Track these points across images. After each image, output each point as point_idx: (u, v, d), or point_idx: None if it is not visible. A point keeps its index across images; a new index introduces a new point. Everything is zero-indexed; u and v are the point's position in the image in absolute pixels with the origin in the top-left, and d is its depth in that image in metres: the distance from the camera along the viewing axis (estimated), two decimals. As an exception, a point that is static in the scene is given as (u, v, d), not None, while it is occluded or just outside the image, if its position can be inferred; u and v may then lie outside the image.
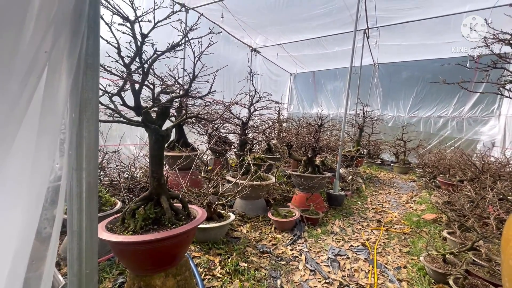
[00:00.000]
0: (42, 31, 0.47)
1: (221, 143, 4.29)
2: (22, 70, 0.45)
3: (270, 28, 6.88)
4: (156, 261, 1.54)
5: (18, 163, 0.47)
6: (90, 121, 0.61)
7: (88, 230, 0.62)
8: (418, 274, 2.32)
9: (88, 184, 0.63)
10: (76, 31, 0.56)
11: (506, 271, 1.21)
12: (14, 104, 0.44)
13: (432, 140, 8.62)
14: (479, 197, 3.05)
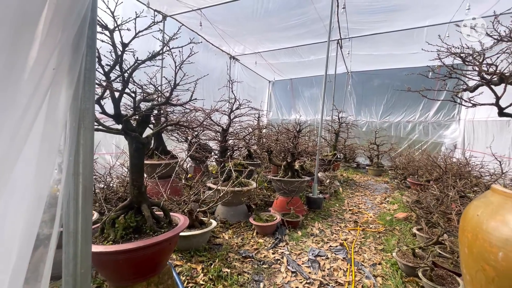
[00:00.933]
0: (50, 50, 0.50)
1: (202, 150, 4.28)
2: (31, 85, 0.48)
3: (248, 37, 7.03)
4: (138, 270, 1.52)
5: (24, 168, 0.49)
6: (87, 129, 0.64)
7: (83, 232, 0.65)
8: (392, 269, 2.47)
9: (84, 188, 0.65)
10: (78, 50, 0.59)
11: (462, 258, 1.36)
12: (23, 115, 0.46)
13: (402, 143, 9.17)
14: (443, 195, 3.32)
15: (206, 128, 3.58)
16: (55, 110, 0.53)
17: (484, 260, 1.16)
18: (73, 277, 0.65)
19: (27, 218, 0.49)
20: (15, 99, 0.46)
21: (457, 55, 1.96)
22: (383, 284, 2.25)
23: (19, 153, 0.47)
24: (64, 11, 0.53)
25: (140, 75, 2.31)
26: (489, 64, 1.72)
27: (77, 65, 0.57)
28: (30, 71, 0.47)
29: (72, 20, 0.54)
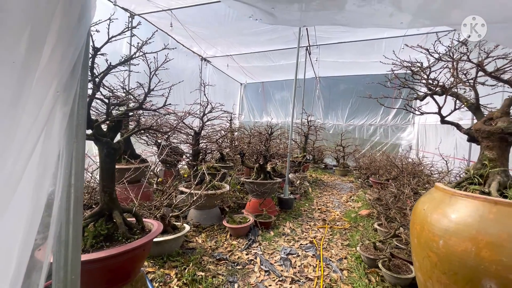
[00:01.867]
0: (52, 75, 0.52)
1: (173, 154, 4.21)
2: (36, 107, 0.48)
3: (220, 39, 7.04)
4: (110, 279, 1.48)
5: (25, 183, 0.50)
6: (79, 144, 0.65)
7: (74, 240, 0.65)
8: (356, 262, 2.68)
9: (76, 199, 0.65)
10: (75, 72, 0.60)
11: (412, 248, 1.55)
12: (27, 134, 0.47)
13: (365, 145, 9.83)
14: (399, 193, 3.66)
15: (179, 132, 3.54)
16: (53, 127, 0.54)
17: (429, 248, 1.35)
18: (63, 283, 0.66)
19: (26, 227, 0.50)
20: (21, 120, 0.47)
21: (408, 68, 2.22)
22: (348, 277, 2.43)
23: (23, 171, 0.48)
24: (66, 41, 0.55)
25: (109, 78, 2.24)
26: (432, 79, 1.98)
27: (74, 85, 0.58)
28: (34, 95, 0.49)
29: (72, 49, 0.56)
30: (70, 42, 0.56)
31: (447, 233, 1.27)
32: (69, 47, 0.56)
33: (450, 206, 1.35)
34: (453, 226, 1.27)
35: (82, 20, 0.59)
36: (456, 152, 6.60)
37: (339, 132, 9.74)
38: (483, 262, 1.13)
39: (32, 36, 0.48)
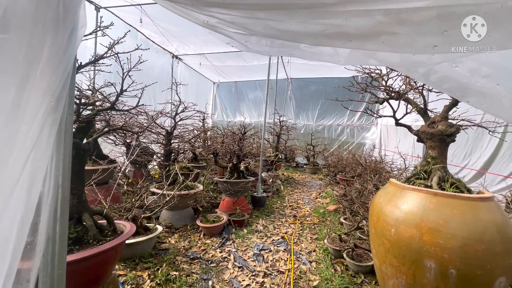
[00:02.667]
0: (46, 87, 0.53)
1: (144, 154, 4.09)
2: (32, 116, 0.50)
3: (192, 37, 6.95)
4: (81, 282, 1.45)
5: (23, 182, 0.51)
6: (67, 147, 0.66)
7: (60, 237, 0.66)
8: (324, 254, 2.87)
9: (63, 199, 0.67)
10: (66, 84, 0.61)
11: (370, 236, 1.74)
12: (25, 140, 0.49)
13: (333, 144, 10.35)
14: (363, 188, 3.97)
15: (150, 132, 3.46)
16: (46, 133, 0.56)
17: (383, 235, 1.53)
18: (50, 278, 0.68)
19: (19, 226, 0.51)
20: (20, 128, 0.49)
21: (368, 74, 2.44)
22: (316, 268, 2.61)
23: (21, 174, 0.49)
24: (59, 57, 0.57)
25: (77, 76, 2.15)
26: (389, 86, 2.20)
27: (64, 93, 0.60)
28: (31, 106, 0.50)
29: (64, 64, 0.59)
30: (62, 58, 0.59)
31: (397, 222, 1.46)
32: (61, 63, 0.59)
33: (400, 199, 1.54)
34: (403, 216, 1.46)
35: (72, 37, 0.62)
36: (413, 150, 7.23)
37: (310, 132, 10.13)
38: (425, 245, 1.32)
39: (29, 54, 0.51)
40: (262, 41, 1.06)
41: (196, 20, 1.13)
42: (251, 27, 0.92)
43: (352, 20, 0.69)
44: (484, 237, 1.24)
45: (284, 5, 0.72)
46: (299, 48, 1.00)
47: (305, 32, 0.81)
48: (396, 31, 0.67)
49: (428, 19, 0.60)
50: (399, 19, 0.63)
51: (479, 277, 1.24)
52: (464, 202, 1.35)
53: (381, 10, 0.62)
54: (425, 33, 0.66)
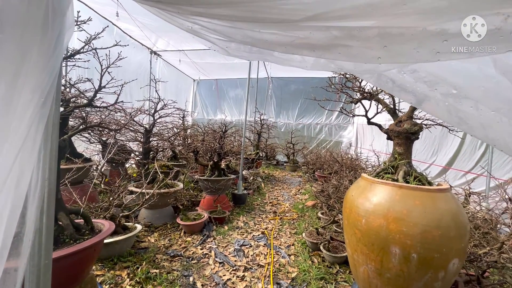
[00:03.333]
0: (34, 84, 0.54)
1: (121, 152, 3.98)
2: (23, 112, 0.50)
3: (171, 33, 6.80)
4: (58, 282, 1.42)
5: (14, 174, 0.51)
6: (53, 141, 0.66)
7: (47, 229, 0.67)
8: (302, 247, 2.99)
9: (49, 191, 0.67)
10: (55, 81, 0.62)
11: (344, 227, 1.85)
12: (14, 135, 0.49)
13: (312, 142, 10.63)
14: (339, 184, 4.16)
15: (128, 129, 3.38)
16: (31, 127, 0.56)
17: (355, 226, 1.65)
18: (37, 267, 0.68)
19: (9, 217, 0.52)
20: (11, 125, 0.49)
21: (344, 75, 2.58)
22: (295, 260, 2.71)
23: (12, 166, 0.50)
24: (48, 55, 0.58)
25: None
26: (362, 87, 2.34)
27: (52, 91, 0.61)
28: (23, 101, 0.51)
29: (53, 61, 0.59)
30: (50, 57, 0.60)
31: (367, 213, 1.58)
32: (50, 61, 0.59)
33: (370, 192, 1.66)
34: (372, 207, 1.58)
35: (60, 38, 0.63)
36: (387, 148, 7.63)
37: (290, 130, 10.32)
38: (391, 233, 1.45)
39: (20, 53, 0.51)
40: (241, 47, 1.14)
41: (181, 25, 1.17)
42: (231, 35, 1.00)
43: (314, 33, 0.78)
44: (440, 224, 1.39)
45: (259, 19, 0.80)
46: (273, 55, 1.10)
47: (277, 42, 0.90)
48: (349, 44, 0.77)
49: (372, 36, 0.71)
50: (350, 35, 0.72)
51: (436, 259, 1.38)
52: (425, 193, 1.50)
53: (337, 27, 0.71)
54: (371, 47, 0.76)
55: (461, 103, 0.95)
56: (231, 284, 2.27)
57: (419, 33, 0.66)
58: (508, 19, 0.55)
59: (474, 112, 0.93)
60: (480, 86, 0.85)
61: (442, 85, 0.92)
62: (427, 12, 0.60)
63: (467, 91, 0.89)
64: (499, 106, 0.84)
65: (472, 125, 1.00)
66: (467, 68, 0.83)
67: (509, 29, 0.57)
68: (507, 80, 0.75)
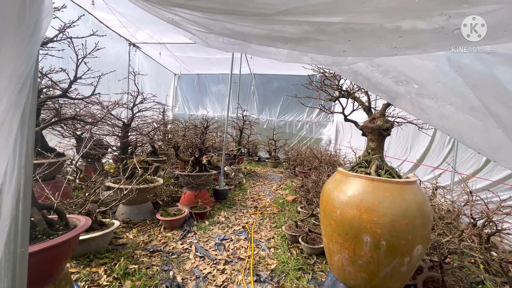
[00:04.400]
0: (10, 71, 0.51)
1: (98, 147, 3.84)
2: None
3: (151, 25, 6.60)
4: (31, 278, 1.37)
5: None
6: (30, 129, 0.64)
7: (24, 216, 0.65)
8: (281, 240, 3.07)
9: (26, 179, 0.65)
10: (31, 68, 0.59)
11: (320, 219, 1.94)
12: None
13: (293, 139, 10.82)
14: (318, 180, 4.30)
15: (105, 123, 3.26)
16: (11, 115, 0.54)
17: (331, 217, 1.73)
18: (13, 255, 0.67)
19: None
20: None
21: (323, 74, 2.66)
22: (274, 253, 2.79)
23: None
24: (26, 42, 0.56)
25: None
26: (340, 85, 2.44)
27: (29, 78, 0.59)
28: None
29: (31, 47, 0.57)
30: (27, 44, 0.58)
31: (342, 204, 1.67)
32: (27, 48, 0.57)
33: (345, 184, 1.76)
34: (347, 199, 1.67)
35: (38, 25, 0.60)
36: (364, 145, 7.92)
37: (272, 127, 10.43)
38: (363, 223, 1.55)
39: None
40: (220, 39, 1.17)
41: (162, 16, 1.17)
42: (210, 26, 1.02)
43: (287, 27, 0.83)
44: (407, 213, 1.50)
45: (236, 11, 0.83)
46: (250, 47, 1.14)
47: (253, 34, 0.94)
48: (318, 38, 0.83)
49: (337, 31, 0.76)
50: (319, 29, 0.77)
51: (402, 246, 1.50)
52: (394, 185, 1.61)
53: (307, 22, 0.76)
54: (337, 41, 0.82)
55: (422, 96, 1.04)
56: (212, 277, 2.30)
57: (377, 29, 0.72)
58: (450, 19, 0.63)
59: (434, 104, 1.03)
60: (438, 81, 0.94)
61: (406, 79, 1.01)
62: (384, 10, 0.66)
63: (427, 86, 0.99)
64: (454, 100, 0.94)
65: (431, 116, 1.10)
66: (426, 65, 0.92)
67: (451, 28, 0.65)
68: (459, 77, 0.83)
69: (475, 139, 1.02)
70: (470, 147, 1.08)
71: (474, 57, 0.77)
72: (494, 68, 0.76)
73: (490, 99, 0.84)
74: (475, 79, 0.83)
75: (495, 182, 3.56)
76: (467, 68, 0.82)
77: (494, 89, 0.80)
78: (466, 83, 0.85)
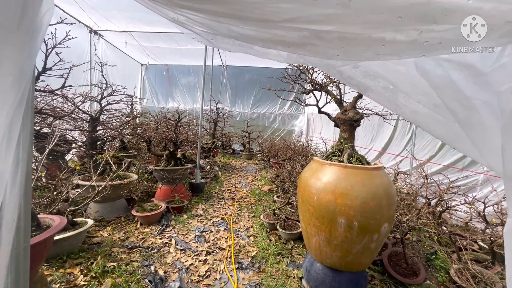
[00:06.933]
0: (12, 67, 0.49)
1: (62, 143, 3.57)
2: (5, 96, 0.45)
3: (115, 12, 6.17)
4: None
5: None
6: (30, 129, 0.61)
7: (25, 213, 0.64)
8: (260, 228, 3.19)
9: (27, 176, 0.63)
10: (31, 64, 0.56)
11: (298, 205, 2.06)
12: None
13: (267, 131, 11.00)
14: (293, 169, 4.48)
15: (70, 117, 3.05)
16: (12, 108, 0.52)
17: (308, 203, 1.86)
18: (17, 251, 0.65)
19: None
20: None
21: (297, 67, 2.77)
22: (254, 241, 2.90)
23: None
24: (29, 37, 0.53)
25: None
26: (313, 79, 2.56)
27: (31, 75, 0.56)
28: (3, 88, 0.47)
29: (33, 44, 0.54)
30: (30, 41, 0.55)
31: (319, 191, 1.80)
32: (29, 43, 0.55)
33: (321, 172, 1.89)
34: (323, 185, 1.80)
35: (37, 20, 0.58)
36: (334, 136, 8.35)
37: (245, 119, 10.48)
38: (338, 206, 1.69)
39: None
40: (225, 40, 1.21)
41: (165, 16, 1.16)
42: (217, 28, 1.05)
43: (289, 33, 0.90)
44: (375, 196, 1.67)
45: (243, 17, 0.87)
46: (253, 48, 1.20)
47: (258, 37, 1.00)
48: (316, 43, 0.92)
49: (333, 38, 0.86)
50: (317, 36, 0.86)
51: (371, 225, 1.68)
52: (364, 171, 1.77)
53: (307, 29, 0.84)
54: (332, 46, 0.92)
55: (397, 95, 1.19)
56: (194, 268, 2.33)
57: (366, 38, 0.83)
58: (421, 34, 0.75)
59: (406, 102, 1.18)
60: (408, 83, 1.08)
61: (383, 81, 1.15)
62: (372, 23, 0.77)
63: (399, 86, 1.13)
64: (421, 98, 1.09)
65: (405, 111, 1.26)
66: (399, 69, 1.06)
67: (422, 41, 0.77)
68: (425, 79, 0.98)
69: (439, 130, 1.19)
70: (436, 137, 1.25)
71: (435, 63, 0.91)
72: (450, 72, 0.90)
73: (449, 98, 0.98)
74: (437, 81, 0.98)
75: (446, 166, 4.02)
76: (430, 72, 0.96)
77: (452, 90, 0.94)
78: (430, 85, 1.00)
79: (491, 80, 0.78)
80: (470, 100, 0.86)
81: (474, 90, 0.84)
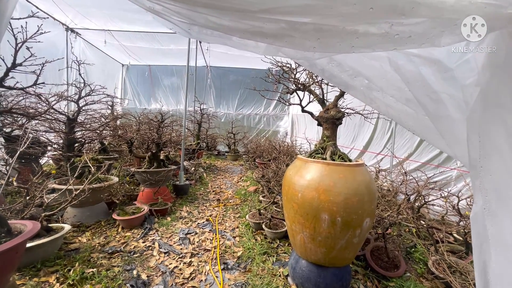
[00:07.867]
0: None
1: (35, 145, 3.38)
2: None
3: (94, 10, 5.96)
4: (-32, 292, 1.20)
5: None
6: None
7: None
8: (246, 228, 3.17)
9: None
10: None
11: (283, 203, 2.07)
12: None
13: (252, 132, 11.01)
14: (278, 169, 4.51)
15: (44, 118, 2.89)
16: None
17: (293, 200, 1.88)
18: None
19: None
20: None
21: (281, 68, 2.79)
22: (240, 241, 2.88)
23: None
24: None
25: None
26: (297, 79, 2.60)
27: None
28: None
29: None
30: None
31: (303, 188, 1.82)
32: None
33: (305, 169, 1.91)
34: (307, 183, 1.83)
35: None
36: (317, 136, 8.47)
37: (230, 120, 10.43)
38: (321, 202, 1.72)
39: None
40: (203, 31, 1.20)
41: (141, 5, 1.13)
42: (195, 18, 1.03)
43: (267, 24, 0.90)
44: (357, 192, 1.72)
45: (220, 6, 0.86)
46: (231, 39, 1.19)
47: (236, 28, 0.99)
48: (293, 35, 0.93)
49: (309, 30, 0.87)
50: (294, 27, 0.87)
51: (354, 220, 1.71)
52: (346, 168, 1.81)
53: (284, 20, 0.85)
54: (309, 38, 0.93)
55: (371, 89, 1.23)
56: (178, 270, 2.28)
57: (340, 31, 0.85)
58: (392, 26, 0.77)
59: (380, 96, 1.22)
60: (382, 78, 1.12)
61: (358, 75, 1.18)
62: (346, 16, 0.79)
63: (374, 80, 1.17)
64: (394, 92, 1.13)
65: (379, 105, 1.30)
66: (373, 64, 1.09)
67: (393, 33, 0.80)
68: (397, 74, 1.01)
69: (410, 123, 1.24)
70: (408, 130, 1.30)
71: (407, 59, 0.94)
72: (420, 67, 0.94)
73: (419, 92, 1.03)
74: (408, 76, 1.02)
75: (424, 163, 4.20)
76: (402, 67, 1.00)
77: (422, 85, 0.98)
78: (402, 79, 1.04)
79: (456, 75, 0.82)
80: (438, 94, 0.90)
81: (442, 85, 0.89)
